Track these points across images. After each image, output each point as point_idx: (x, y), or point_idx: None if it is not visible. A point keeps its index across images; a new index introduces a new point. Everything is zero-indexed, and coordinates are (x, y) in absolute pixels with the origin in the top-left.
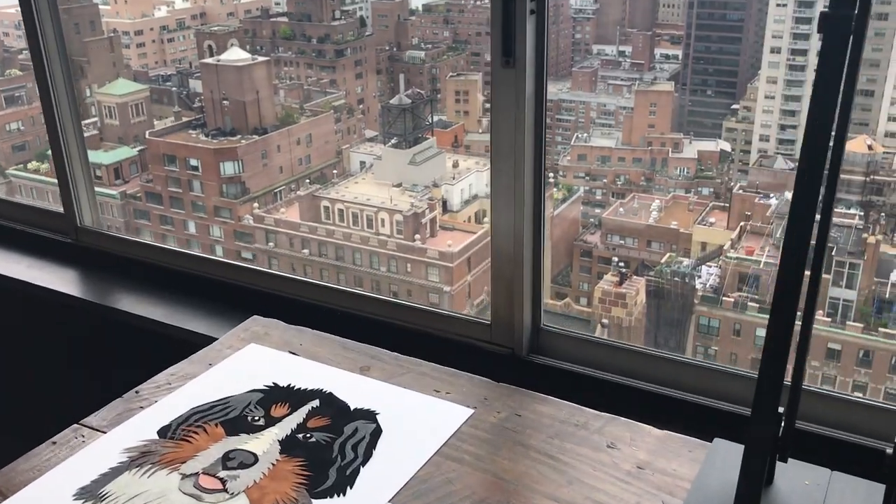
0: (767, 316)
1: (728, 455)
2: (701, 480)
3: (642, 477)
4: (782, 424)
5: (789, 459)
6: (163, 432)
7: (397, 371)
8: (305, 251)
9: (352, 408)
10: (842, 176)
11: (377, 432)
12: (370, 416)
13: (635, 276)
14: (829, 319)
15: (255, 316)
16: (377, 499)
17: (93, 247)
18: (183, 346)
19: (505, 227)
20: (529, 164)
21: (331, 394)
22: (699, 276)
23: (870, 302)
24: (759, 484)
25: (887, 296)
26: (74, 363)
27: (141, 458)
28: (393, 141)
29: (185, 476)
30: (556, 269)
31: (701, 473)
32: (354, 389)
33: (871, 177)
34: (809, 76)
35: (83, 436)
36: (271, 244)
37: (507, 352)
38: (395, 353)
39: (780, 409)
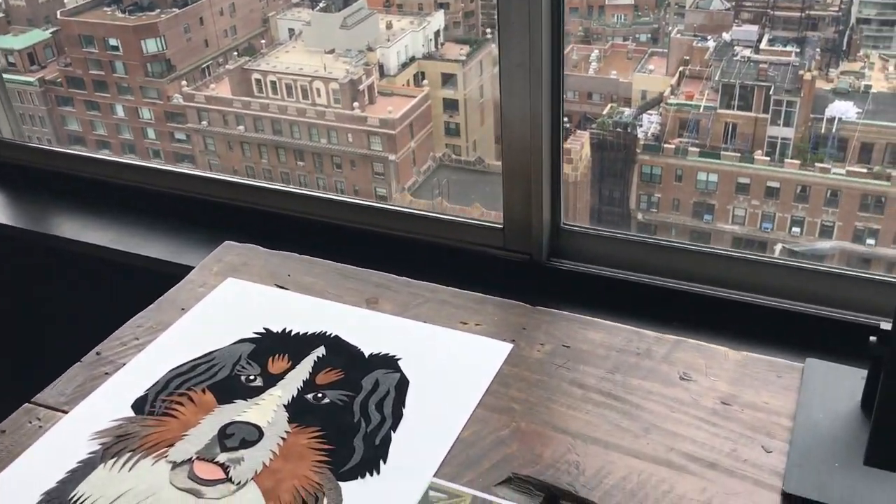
0: (709, 159)
1: (828, 379)
2: (804, 416)
3: (730, 415)
4: None
5: None
6: (139, 406)
7: (412, 301)
8: (241, 128)
9: (366, 354)
10: (777, 13)
11: (403, 383)
12: (391, 363)
13: (578, 131)
14: (769, 159)
15: (227, 242)
16: (419, 474)
17: (15, 162)
18: (139, 274)
19: (519, 113)
20: (546, 34)
21: (337, 337)
22: (640, 126)
23: (806, 139)
24: None
25: (822, 131)
26: (8, 303)
27: (117, 445)
28: (321, 4)
29: (175, 465)
30: (498, 130)
31: (801, 406)
32: (365, 329)
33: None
34: None
35: (39, 419)
36: (204, 123)
37: (524, 258)
38: (406, 279)
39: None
